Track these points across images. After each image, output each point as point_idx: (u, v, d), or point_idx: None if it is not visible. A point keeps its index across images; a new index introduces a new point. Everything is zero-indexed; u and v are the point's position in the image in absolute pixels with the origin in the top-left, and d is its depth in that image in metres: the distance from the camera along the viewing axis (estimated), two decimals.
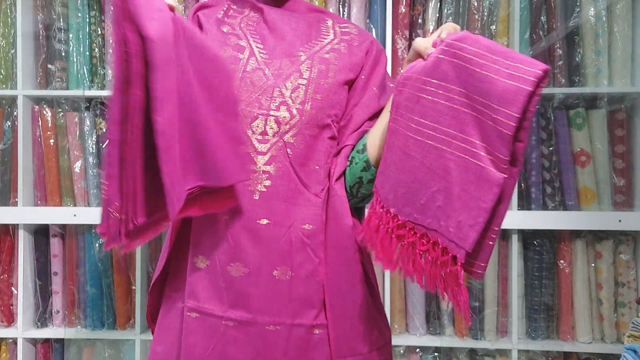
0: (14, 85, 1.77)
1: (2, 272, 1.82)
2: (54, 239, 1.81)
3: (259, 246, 0.84)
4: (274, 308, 0.84)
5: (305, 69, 0.88)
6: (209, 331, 0.85)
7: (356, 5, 1.73)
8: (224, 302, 0.85)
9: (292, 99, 0.87)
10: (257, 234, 0.84)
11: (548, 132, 1.70)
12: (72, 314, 1.81)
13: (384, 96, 0.93)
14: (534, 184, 1.70)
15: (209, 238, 0.87)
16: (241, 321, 0.84)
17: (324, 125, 0.89)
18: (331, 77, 0.89)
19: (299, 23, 0.93)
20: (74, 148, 1.78)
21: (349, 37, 0.95)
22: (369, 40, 0.96)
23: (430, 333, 1.76)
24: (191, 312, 0.87)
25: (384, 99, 0.93)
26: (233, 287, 0.85)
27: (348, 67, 0.92)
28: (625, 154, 1.69)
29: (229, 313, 0.85)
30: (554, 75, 1.70)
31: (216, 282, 0.85)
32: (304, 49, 0.90)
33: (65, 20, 1.79)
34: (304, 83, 0.87)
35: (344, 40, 0.94)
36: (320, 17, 0.97)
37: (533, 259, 1.71)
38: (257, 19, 0.93)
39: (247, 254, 0.84)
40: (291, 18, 0.93)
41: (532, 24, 1.70)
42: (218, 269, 0.85)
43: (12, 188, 1.78)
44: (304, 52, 0.90)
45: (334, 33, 0.95)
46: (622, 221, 1.62)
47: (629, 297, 1.68)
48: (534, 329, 1.72)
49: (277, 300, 0.84)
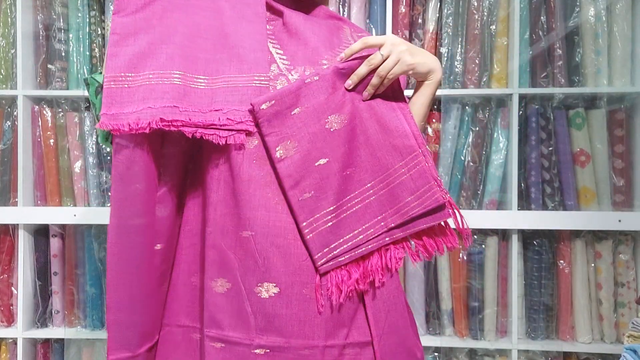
0: (14, 85, 1.77)
1: (2, 272, 1.82)
2: (54, 239, 1.81)
3: (290, 264, 0.81)
4: (307, 330, 0.80)
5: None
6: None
7: (356, 5, 1.73)
8: (251, 328, 0.80)
9: None
10: (288, 250, 0.81)
11: (548, 132, 1.70)
12: (72, 314, 1.81)
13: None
14: (534, 184, 1.70)
15: (231, 258, 0.82)
16: (273, 347, 0.80)
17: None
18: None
19: (321, 29, 0.91)
20: (74, 148, 1.78)
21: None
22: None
23: (430, 333, 1.76)
24: (215, 342, 0.81)
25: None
26: (262, 310, 0.80)
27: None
28: (624, 153, 1.69)
29: (258, 340, 0.80)
30: (554, 75, 1.70)
31: (241, 306, 0.81)
32: (328, 57, 0.88)
33: (65, 20, 1.79)
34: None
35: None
36: (339, 24, 0.97)
37: (533, 259, 1.71)
38: (275, 22, 0.91)
39: (279, 273, 0.80)
40: (313, 23, 0.91)
41: (532, 24, 1.70)
42: (243, 292, 0.81)
43: (12, 188, 1.78)
44: (328, 60, 0.88)
45: (353, 41, 0.93)
46: (621, 221, 1.62)
47: (628, 297, 1.68)
48: (533, 329, 1.72)
49: (310, 321, 0.80)
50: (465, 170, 1.72)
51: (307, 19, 0.92)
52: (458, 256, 1.73)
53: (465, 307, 1.73)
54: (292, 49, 0.88)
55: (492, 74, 1.72)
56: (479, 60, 1.72)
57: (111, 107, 0.79)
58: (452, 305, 1.75)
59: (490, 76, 1.72)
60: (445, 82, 1.72)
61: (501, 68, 1.71)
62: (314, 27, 0.90)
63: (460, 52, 1.72)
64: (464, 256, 1.74)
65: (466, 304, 1.73)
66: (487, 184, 1.72)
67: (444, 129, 1.72)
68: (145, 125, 0.77)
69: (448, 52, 1.72)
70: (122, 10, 0.83)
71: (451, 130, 1.72)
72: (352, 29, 0.98)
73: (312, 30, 0.90)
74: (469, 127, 1.73)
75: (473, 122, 1.73)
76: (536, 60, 1.71)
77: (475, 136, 1.72)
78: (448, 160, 1.72)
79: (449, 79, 1.72)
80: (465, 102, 1.73)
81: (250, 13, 0.88)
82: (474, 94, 1.70)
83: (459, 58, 1.72)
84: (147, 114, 0.78)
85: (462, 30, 1.72)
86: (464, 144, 1.72)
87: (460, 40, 1.72)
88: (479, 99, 1.73)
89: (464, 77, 1.73)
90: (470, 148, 1.72)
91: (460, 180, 1.73)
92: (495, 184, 1.71)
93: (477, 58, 1.71)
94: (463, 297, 1.73)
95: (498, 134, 1.71)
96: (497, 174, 1.71)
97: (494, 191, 1.71)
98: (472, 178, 1.72)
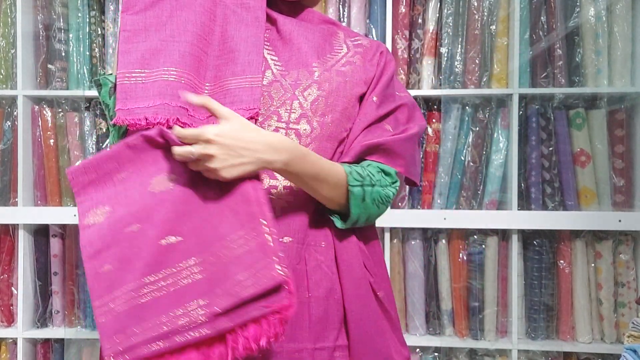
0: (14, 85, 1.77)
1: (2, 272, 1.82)
2: (54, 239, 1.81)
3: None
4: (297, 333, 0.79)
5: (324, 80, 0.86)
6: None
7: (356, 5, 1.73)
8: None
9: (312, 110, 0.85)
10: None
11: (548, 132, 1.70)
12: (72, 314, 1.81)
13: (385, 104, 0.90)
14: (534, 184, 1.70)
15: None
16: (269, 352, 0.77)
17: (342, 139, 0.88)
18: (349, 90, 0.87)
19: (314, 35, 0.90)
20: (74, 148, 1.78)
21: (362, 49, 0.93)
22: (379, 51, 0.93)
23: (430, 333, 1.76)
24: None
25: (385, 106, 0.90)
26: None
27: (363, 80, 0.89)
28: (625, 154, 1.69)
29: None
30: (554, 76, 1.70)
31: None
32: (319, 63, 0.88)
33: (65, 20, 1.79)
34: (323, 95, 0.85)
35: (357, 52, 0.92)
36: (333, 29, 0.94)
37: (533, 259, 1.71)
38: (270, 29, 0.90)
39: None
40: (306, 29, 0.90)
41: (532, 24, 1.70)
42: None
43: (12, 188, 1.78)
44: (318, 65, 0.88)
45: (347, 47, 0.92)
46: (622, 221, 1.62)
47: (628, 297, 1.68)
48: (533, 329, 1.72)
49: (299, 324, 0.79)
50: (466, 170, 1.72)
51: (300, 25, 0.91)
52: (458, 256, 1.74)
53: (466, 307, 1.73)
54: (286, 54, 0.88)
55: (492, 74, 1.72)
56: (479, 60, 1.72)
57: (126, 103, 0.78)
58: (452, 305, 1.75)
59: (491, 76, 1.72)
60: (446, 82, 1.72)
61: (501, 68, 1.71)
62: (306, 33, 0.90)
63: (460, 52, 1.72)
64: (464, 256, 1.74)
65: (466, 304, 1.73)
66: (487, 184, 1.72)
67: (444, 129, 1.72)
68: (164, 122, 0.77)
69: (448, 52, 1.72)
70: (131, 8, 0.83)
71: (451, 130, 1.72)
72: (346, 33, 0.95)
73: (304, 36, 0.89)
74: (469, 127, 1.73)
75: (473, 122, 1.73)
76: (536, 61, 1.71)
77: (475, 136, 1.72)
78: (448, 160, 1.72)
79: (449, 79, 1.72)
80: (465, 102, 1.73)
81: (250, 17, 0.87)
82: (474, 94, 1.70)
83: (459, 58, 1.72)
84: (165, 110, 0.78)
85: (462, 30, 1.72)
86: (464, 144, 1.72)
87: (460, 40, 1.72)
88: (479, 99, 1.73)
89: (464, 77, 1.73)
90: (471, 148, 1.72)
91: (460, 180, 1.73)
92: (496, 184, 1.71)
93: (477, 58, 1.71)
94: (463, 297, 1.73)
95: (498, 134, 1.71)
96: (497, 174, 1.71)
97: (494, 191, 1.71)
98: (472, 178, 1.72)
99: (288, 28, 0.89)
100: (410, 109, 0.92)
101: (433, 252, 1.76)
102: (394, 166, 0.87)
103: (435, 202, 1.73)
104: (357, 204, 0.82)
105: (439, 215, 1.68)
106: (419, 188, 1.74)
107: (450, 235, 1.75)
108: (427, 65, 1.74)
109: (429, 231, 1.76)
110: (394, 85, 0.93)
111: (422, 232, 1.76)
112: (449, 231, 1.75)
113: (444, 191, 1.72)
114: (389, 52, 0.95)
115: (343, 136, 0.87)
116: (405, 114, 0.91)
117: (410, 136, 0.89)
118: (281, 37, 0.89)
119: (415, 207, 1.75)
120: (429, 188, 1.73)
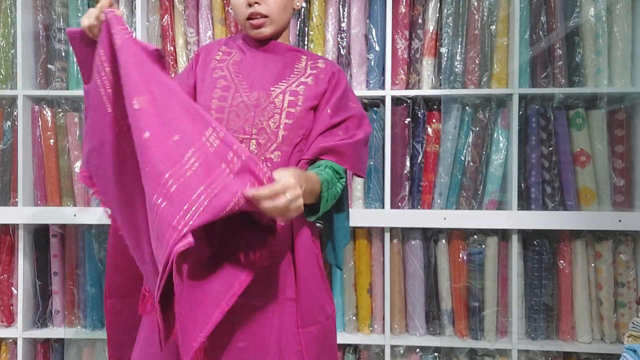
0: (14, 85, 1.77)
1: (2, 272, 1.82)
2: (54, 239, 1.81)
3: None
4: (263, 289, 1.03)
5: (279, 100, 1.07)
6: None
7: (356, 5, 1.73)
8: None
9: (269, 125, 1.06)
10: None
11: (548, 132, 1.70)
12: (72, 314, 1.81)
13: (338, 114, 1.10)
14: (534, 184, 1.70)
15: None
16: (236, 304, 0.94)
17: (296, 143, 1.08)
18: (300, 105, 1.07)
19: (276, 63, 1.12)
20: (74, 148, 1.78)
21: (316, 71, 1.12)
22: (331, 71, 1.13)
23: (430, 333, 1.76)
24: None
25: (338, 116, 1.10)
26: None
27: (313, 96, 1.09)
28: (625, 154, 1.69)
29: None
30: (554, 76, 1.70)
31: None
32: (278, 85, 1.09)
33: (65, 20, 1.80)
34: (277, 112, 1.07)
35: (312, 74, 1.11)
36: (296, 55, 1.14)
37: (533, 259, 1.71)
38: (241, 59, 1.13)
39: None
40: (269, 59, 1.12)
41: (532, 24, 1.70)
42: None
43: (12, 188, 1.78)
44: (277, 87, 1.09)
45: (304, 68, 1.13)
46: (621, 221, 1.62)
47: (628, 297, 1.68)
48: (533, 329, 1.72)
49: (265, 282, 1.02)
50: (466, 170, 1.72)
51: (265, 56, 1.13)
52: (458, 256, 1.74)
53: (465, 307, 1.73)
54: (251, 80, 1.09)
55: (492, 74, 1.72)
56: (479, 60, 1.72)
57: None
58: (452, 305, 1.75)
59: (491, 76, 1.72)
60: (446, 82, 1.72)
61: (501, 68, 1.71)
62: (269, 62, 1.12)
63: (460, 52, 1.72)
64: (464, 256, 1.74)
65: (466, 304, 1.73)
66: (487, 184, 1.72)
67: (444, 129, 1.72)
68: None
69: (448, 52, 1.72)
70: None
71: (451, 130, 1.72)
72: (308, 57, 1.15)
73: (268, 65, 1.11)
74: (469, 127, 1.73)
75: (473, 122, 1.73)
76: (536, 61, 1.71)
77: (475, 136, 1.72)
78: (448, 160, 1.72)
79: (449, 79, 1.72)
80: (465, 102, 1.73)
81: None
82: (474, 94, 1.70)
83: (459, 58, 1.72)
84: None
85: (462, 30, 1.72)
86: (464, 144, 1.72)
87: (460, 40, 1.72)
88: (479, 99, 1.73)
89: (464, 77, 1.73)
90: (471, 148, 1.72)
91: (460, 180, 1.73)
92: (496, 184, 1.71)
93: (477, 58, 1.71)
94: (463, 297, 1.73)
95: (498, 134, 1.71)
96: (497, 174, 1.71)
97: (494, 191, 1.71)
98: (472, 178, 1.72)
99: (255, 59, 1.12)
100: (359, 118, 1.13)
101: (433, 252, 1.76)
102: (342, 164, 1.08)
103: (435, 202, 1.73)
104: (324, 203, 1.03)
105: (439, 215, 1.68)
106: (419, 188, 1.74)
107: (450, 235, 1.75)
108: (427, 65, 1.74)
109: (429, 231, 1.76)
110: (348, 97, 1.14)
111: (422, 232, 1.76)
112: (449, 231, 1.75)
113: (444, 191, 1.73)
114: (341, 71, 1.16)
115: (297, 141, 1.08)
116: (355, 122, 1.11)
117: (357, 141, 1.10)
118: (249, 66, 1.11)
119: (415, 207, 1.75)
120: (429, 188, 1.74)
